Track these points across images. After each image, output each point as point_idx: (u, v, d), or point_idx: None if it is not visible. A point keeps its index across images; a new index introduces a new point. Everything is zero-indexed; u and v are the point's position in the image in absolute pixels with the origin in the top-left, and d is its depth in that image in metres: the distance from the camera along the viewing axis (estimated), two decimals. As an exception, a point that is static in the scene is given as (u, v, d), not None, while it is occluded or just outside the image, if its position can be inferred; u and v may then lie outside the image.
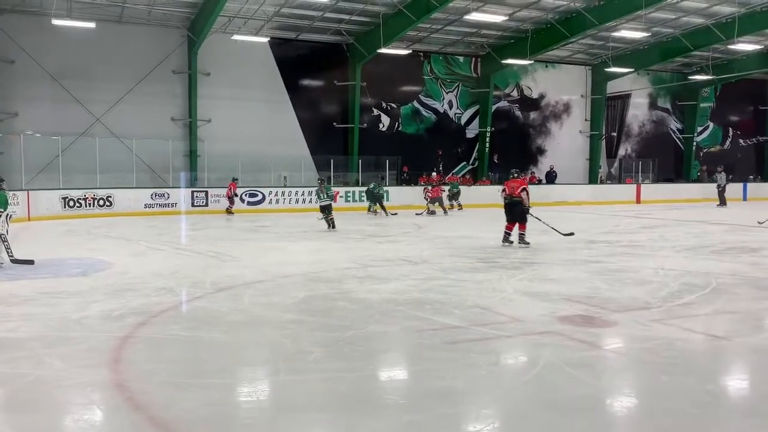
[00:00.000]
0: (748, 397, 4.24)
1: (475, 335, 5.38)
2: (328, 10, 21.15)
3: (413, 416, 3.73)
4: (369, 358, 4.80)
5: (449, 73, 27.09)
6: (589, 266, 9.16)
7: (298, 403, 3.91)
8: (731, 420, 3.73)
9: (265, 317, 6.12)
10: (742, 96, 32.57)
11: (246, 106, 23.19)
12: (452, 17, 21.84)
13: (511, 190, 11.40)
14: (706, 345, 5.25)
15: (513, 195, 11.30)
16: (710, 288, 7.40)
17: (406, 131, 26.40)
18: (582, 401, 3.92)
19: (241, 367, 4.73)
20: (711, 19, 22.61)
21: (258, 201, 20.77)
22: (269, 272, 8.53)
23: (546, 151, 29.12)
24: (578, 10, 21.12)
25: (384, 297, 6.88)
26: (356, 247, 11.71)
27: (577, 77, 29.25)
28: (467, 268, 9.00)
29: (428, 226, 15.78)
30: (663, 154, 30.96)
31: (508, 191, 11.41)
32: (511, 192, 11.34)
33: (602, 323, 5.79)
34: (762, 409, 3.85)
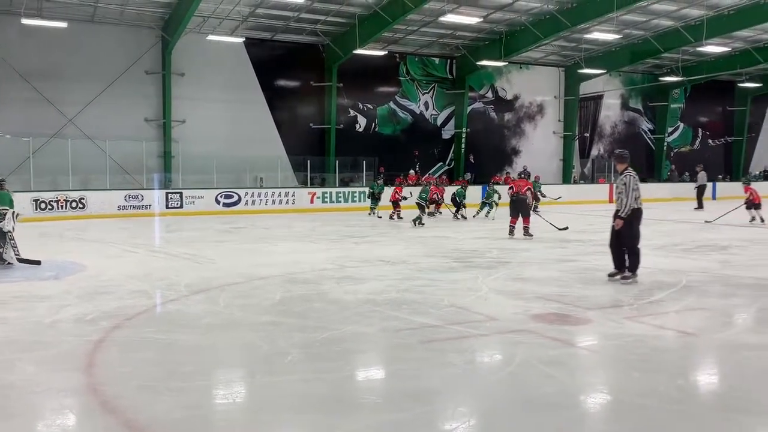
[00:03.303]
0: (718, 392, 4.34)
1: (451, 334, 5.43)
2: (304, 11, 21.10)
3: (390, 416, 3.76)
4: (346, 359, 4.82)
5: (425, 74, 27.21)
6: (562, 265, 9.28)
7: (275, 405, 3.91)
8: (701, 415, 3.80)
9: (241, 319, 6.10)
10: (711, 97, 33.23)
11: (221, 106, 23.02)
12: (427, 19, 21.95)
13: (517, 188, 12.78)
14: (677, 341, 5.36)
15: (519, 193, 12.58)
16: (681, 285, 7.56)
17: (382, 132, 26.45)
18: (555, 398, 3.98)
19: (216, 370, 4.71)
20: (680, 21, 23.04)
21: (234, 202, 20.63)
22: (245, 274, 8.49)
23: (521, 152, 29.40)
24: (551, 13, 21.36)
25: (361, 297, 6.90)
26: (333, 247, 11.72)
27: (550, 79, 29.58)
28: (444, 267, 9.07)
29: (405, 226, 15.83)
30: (635, 154, 30.96)
31: (515, 189, 12.75)
32: (517, 190, 12.67)
33: (575, 321, 5.87)
34: (731, 404, 3.93)
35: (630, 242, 7.71)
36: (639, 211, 7.71)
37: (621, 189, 7.72)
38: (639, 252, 7.71)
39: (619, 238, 7.80)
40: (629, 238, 7.70)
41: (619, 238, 7.80)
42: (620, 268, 7.79)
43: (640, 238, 7.75)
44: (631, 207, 7.62)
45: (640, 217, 7.76)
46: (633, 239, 7.69)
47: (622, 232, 7.74)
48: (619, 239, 7.80)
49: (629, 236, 7.69)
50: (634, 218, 7.69)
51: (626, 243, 7.73)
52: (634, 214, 7.67)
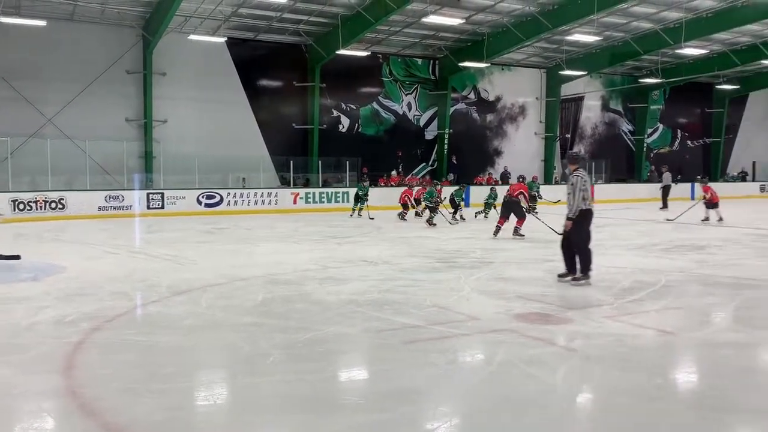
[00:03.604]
0: (697, 391, 4.40)
1: (434, 334, 5.45)
2: (286, 11, 21.04)
3: (372, 416, 3.77)
4: (328, 360, 4.81)
5: (408, 75, 27.27)
6: (544, 265, 9.34)
7: (257, 406, 3.90)
8: (680, 413, 3.84)
9: (223, 320, 6.07)
10: (690, 99, 33.67)
11: (203, 106, 22.87)
12: (410, 20, 22.00)
13: (511, 191, 13.28)
14: (656, 340, 5.42)
15: (512, 195, 13.05)
16: (660, 285, 7.65)
17: (365, 132, 26.46)
18: (537, 398, 4.01)
19: (197, 371, 4.68)
20: (659, 24, 23.34)
21: (216, 203, 20.50)
22: (227, 275, 8.45)
23: (503, 153, 29.57)
24: (533, 14, 21.52)
25: (343, 298, 6.90)
26: (316, 248, 11.70)
27: (532, 80, 29.80)
28: (426, 268, 9.10)
29: (386, 226, 15.85)
30: (615, 154, 31.78)
31: (509, 192, 13.28)
32: (510, 193, 13.17)
33: (556, 320, 5.92)
34: (709, 402, 3.98)
35: (578, 243, 7.65)
36: (587, 212, 7.64)
37: (570, 190, 7.70)
38: (589, 253, 7.63)
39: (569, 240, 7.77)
40: (577, 240, 7.64)
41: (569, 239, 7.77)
42: (571, 269, 7.73)
43: (589, 239, 7.68)
44: (579, 208, 7.58)
45: (589, 218, 7.68)
46: (581, 240, 7.63)
47: (571, 233, 7.72)
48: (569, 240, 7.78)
49: (577, 237, 7.64)
50: (583, 219, 7.62)
51: (575, 244, 7.68)
52: (582, 215, 7.61)
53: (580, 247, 7.67)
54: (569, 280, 7.70)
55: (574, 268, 7.70)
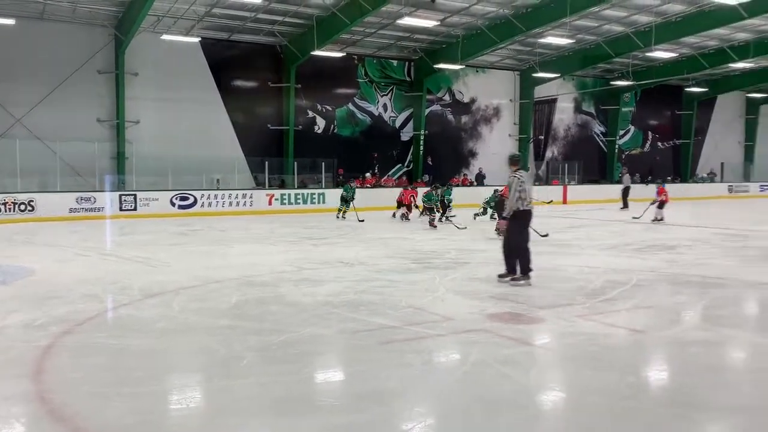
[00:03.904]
0: (667, 388, 4.47)
1: (409, 335, 5.46)
2: (261, 11, 20.94)
3: (348, 417, 3.77)
4: (303, 361, 4.79)
5: (383, 76, 27.31)
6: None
7: (230, 409, 3.87)
8: (652, 411, 3.90)
9: (196, 323, 6.02)
10: (660, 101, 34.28)
11: (177, 107, 22.64)
12: (385, 21, 22.05)
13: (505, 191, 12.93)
14: (627, 339, 5.50)
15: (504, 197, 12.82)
16: (631, 284, 7.77)
17: (341, 134, 26.43)
18: (511, 397, 4.05)
19: (170, 375, 4.63)
20: (630, 27, 23.71)
21: (189, 204, 20.29)
22: (201, 277, 8.37)
23: (477, 154, 29.77)
24: (507, 17, 21.72)
25: (319, 299, 6.88)
26: (291, 249, 11.65)
27: (506, 82, 30.07)
28: (402, 269, 9.11)
29: (363, 227, 15.85)
30: (587, 156, 32.21)
31: (503, 192, 13.27)
32: (503, 193, 12.94)
33: (529, 320, 5.99)
34: (680, 400, 4.05)
35: (515, 244, 7.70)
36: (524, 212, 7.67)
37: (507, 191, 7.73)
38: (527, 253, 7.66)
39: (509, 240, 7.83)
40: (514, 240, 7.70)
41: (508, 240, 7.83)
42: (511, 270, 7.76)
43: (527, 239, 7.72)
44: (513, 208, 7.66)
45: (526, 219, 7.71)
46: (518, 241, 7.68)
47: (509, 234, 7.78)
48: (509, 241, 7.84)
49: (514, 238, 7.70)
50: (520, 220, 7.68)
51: (512, 245, 7.74)
52: (518, 216, 7.67)
53: (518, 247, 7.70)
54: (508, 281, 7.73)
55: (515, 269, 7.74)
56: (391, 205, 19.65)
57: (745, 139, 37.67)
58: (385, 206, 20.28)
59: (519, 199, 7.61)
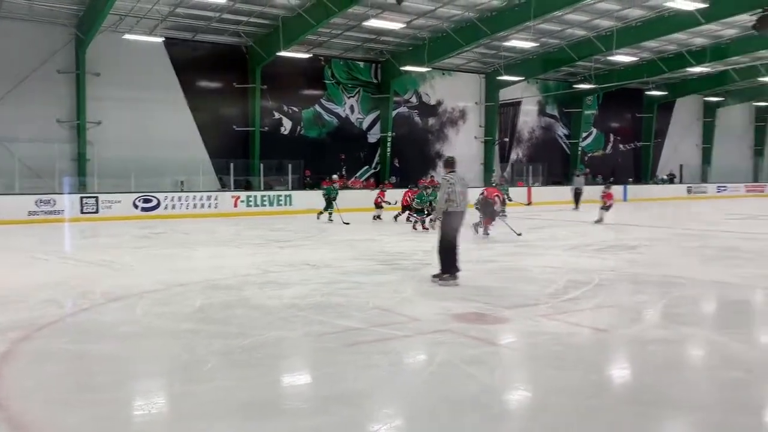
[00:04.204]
0: (630, 386, 4.55)
1: (376, 336, 5.47)
2: (226, 12, 20.73)
3: (314, 420, 3.75)
4: (268, 365, 4.76)
5: (350, 78, 27.29)
6: (483, 265, 9.53)
7: (194, 414, 3.83)
8: (614, 408, 3.97)
9: (160, 327, 5.93)
10: (622, 104, 34.99)
11: (139, 107, 22.24)
12: (352, 23, 22.04)
13: (488, 194, 13.90)
14: (590, 338, 5.61)
15: (488, 198, 13.73)
16: (593, 284, 7.92)
17: (308, 135, 26.32)
18: (476, 397, 4.08)
19: (132, 380, 4.54)
20: (592, 31, 24.16)
21: (153, 207, 19.97)
22: (164, 281, 8.24)
23: (444, 156, 29.89)
24: (472, 20, 21.92)
25: (285, 302, 6.84)
26: (257, 252, 11.55)
27: (471, 85, 30.33)
28: (369, 270, 9.12)
29: (329, 229, 15.81)
30: (551, 158, 32.69)
31: (485, 194, 13.86)
32: (487, 195, 13.81)
33: (494, 320, 6.05)
34: (641, 397, 4.13)
35: (443, 244, 7.85)
36: (452, 214, 7.82)
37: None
38: (453, 254, 7.79)
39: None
40: (442, 240, 7.86)
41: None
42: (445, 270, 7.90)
43: (454, 240, 7.84)
44: (442, 209, 7.82)
45: (454, 220, 7.84)
46: (445, 241, 7.83)
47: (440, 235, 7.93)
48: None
49: (442, 238, 7.86)
50: (449, 220, 7.81)
51: (440, 245, 7.89)
52: (446, 217, 7.82)
53: (444, 247, 7.85)
54: (438, 281, 7.85)
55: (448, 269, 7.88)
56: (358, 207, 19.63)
57: (703, 141, 38.71)
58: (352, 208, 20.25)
59: (447, 200, 7.78)
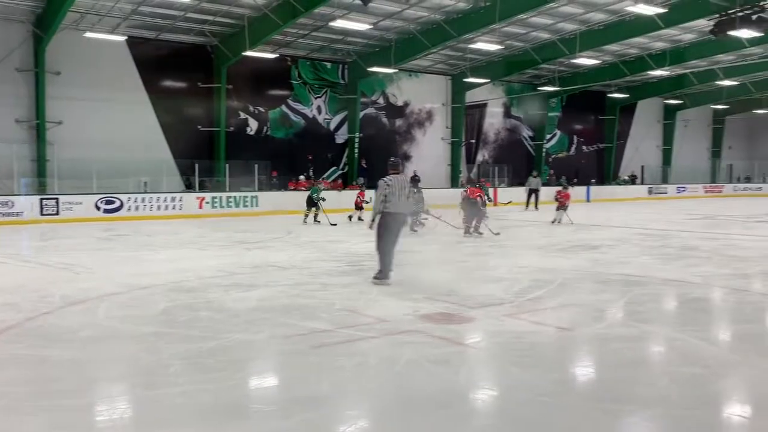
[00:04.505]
0: (592, 383, 4.64)
1: (342, 338, 5.46)
2: (190, 11, 20.47)
3: (279, 423, 3.74)
4: (233, 368, 4.71)
5: (317, 78, 27.21)
6: (450, 266, 9.61)
7: (157, 419, 3.77)
8: (577, 406, 4.04)
9: (122, 331, 5.82)
10: (585, 106, 35.61)
11: (102, 107, 21.80)
12: (318, 23, 21.97)
13: (471, 193, 14.16)
14: (553, 336, 5.69)
15: (470, 197, 13.99)
16: (557, 283, 8.04)
17: (275, 135, 26.15)
18: (441, 396, 4.11)
19: (94, 386, 4.45)
20: (556, 34, 24.54)
21: (116, 208, 19.59)
22: (127, 284, 8.10)
23: (411, 157, 30.06)
24: (438, 22, 22.06)
25: (251, 305, 6.79)
26: (222, 254, 11.42)
27: (438, 86, 30.52)
28: (336, 272, 9.10)
29: (296, 231, 15.73)
30: (516, 159, 33.08)
31: (468, 194, 14.12)
32: (470, 194, 14.07)
33: (460, 320, 6.10)
34: (603, 395, 4.21)
35: (379, 245, 7.95)
36: (387, 215, 7.91)
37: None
38: (388, 255, 7.87)
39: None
40: (378, 241, 7.95)
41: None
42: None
43: (389, 241, 7.91)
44: (377, 211, 7.95)
45: (389, 222, 7.91)
46: (382, 242, 7.92)
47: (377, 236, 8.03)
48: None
49: (378, 239, 7.95)
50: (384, 222, 7.92)
51: (376, 245, 7.99)
52: (383, 218, 7.93)
53: (380, 248, 7.93)
54: (372, 280, 7.95)
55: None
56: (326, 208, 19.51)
57: (663, 143, 39.63)
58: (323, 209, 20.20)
59: (383, 202, 7.87)
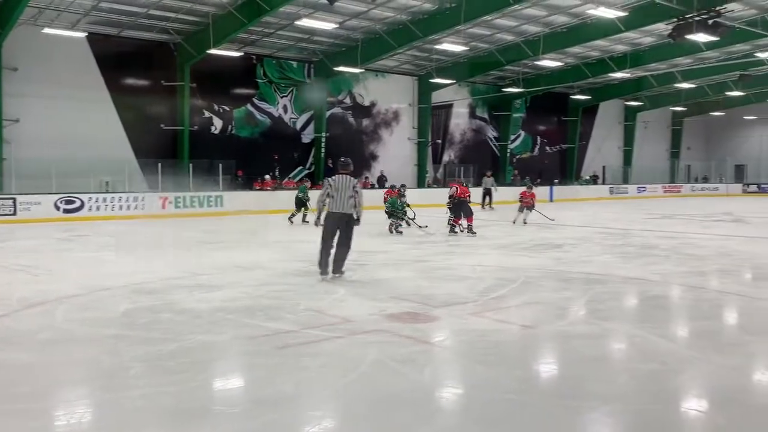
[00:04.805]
0: (554, 380, 4.71)
1: (307, 338, 5.43)
2: (153, 7, 20.14)
3: (242, 425, 3.71)
4: (195, 370, 4.64)
5: (283, 77, 27.03)
6: (415, 265, 9.65)
7: (117, 423, 3.70)
8: (540, 403, 4.09)
9: (81, 334, 5.70)
10: (548, 108, 36.15)
11: (61, 105, 21.30)
12: (284, 22, 21.84)
13: (460, 193, 14.24)
14: (516, 334, 5.76)
15: (461, 197, 14.17)
16: (520, 281, 8.15)
17: (240, 134, 25.89)
18: (406, 395, 4.12)
19: (52, 390, 4.35)
20: (520, 36, 24.85)
21: (76, 208, 19.15)
22: (87, 285, 7.92)
23: (378, 157, 30.12)
24: (404, 23, 22.13)
25: (214, 306, 6.70)
26: (186, 255, 11.27)
27: (404, 87, 30.62)
28: (301, 272, 9.04)
29: (261, 231, 15.61)
30: (482, 159, 33.37)
31: (459, 193, 14.19)
32: (460, 194, 14.18)
33: (425, 319, 6.13)
34: (566, 391, 4.28)
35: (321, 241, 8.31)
36: (328, 214, 8.31)
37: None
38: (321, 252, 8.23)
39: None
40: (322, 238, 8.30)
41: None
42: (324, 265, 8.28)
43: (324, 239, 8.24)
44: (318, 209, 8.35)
45: (327, 220, 8.30)
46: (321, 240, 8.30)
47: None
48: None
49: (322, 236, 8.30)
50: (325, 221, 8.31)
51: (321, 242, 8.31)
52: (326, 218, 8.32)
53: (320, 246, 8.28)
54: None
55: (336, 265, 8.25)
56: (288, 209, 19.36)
57: (624, 144, 40.49)
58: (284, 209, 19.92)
59: (322, 201, 8.25)
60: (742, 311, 7.00)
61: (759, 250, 11.93)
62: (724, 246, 12.30)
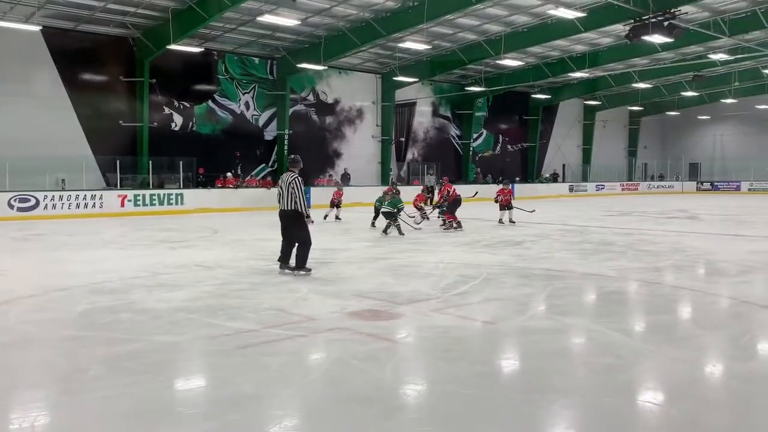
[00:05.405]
0: (515, 374, 4.79)
1: (269, 337, 5.41)
2: (111, 1, 19.70)
3: (203, 425, 3.67)
4: (155, 371, 4.58)
5: (245, 74, 26.76)
6: (378, 263, 9.68)
7: (75, 426, 3.63)
8: (502, 397, 4.16)
9: (36, 335, 5.56)
10: (510, 107, 36.64)
11: (15, 101, 20.69)
12: (246, 18, 21.61)
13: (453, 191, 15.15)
14: (478, 330, 5.84)
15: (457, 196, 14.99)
16: (481, 278, 8.25)
17: (201, 131, 25.55)
18: (368, 393, 4.15)
19: (6, 394, 4.22)
20: (483, 36, 25.09)
21: (31, 207, 18.65)
22: (42, 285, 7.73)
23: (342, 155, 30.08)
24: (368, 20, 22.12)
25: (175, 306, 6.62)
26: (146, 254, 11.07)
27: (368, 84, 30.64)
28: (264, 270, 8.99)
29: (223, 229, 15.43)
30: (445, 157, 33.66)
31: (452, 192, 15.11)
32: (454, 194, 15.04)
33: (388, 316, 6.16)
34: (527, 386, 4.35)
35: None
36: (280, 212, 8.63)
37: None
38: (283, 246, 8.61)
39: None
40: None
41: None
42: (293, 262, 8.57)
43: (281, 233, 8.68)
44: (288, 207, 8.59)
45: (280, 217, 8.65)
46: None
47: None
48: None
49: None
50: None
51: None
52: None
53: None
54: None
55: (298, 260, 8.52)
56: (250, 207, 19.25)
57: (583, 142, 41.29)
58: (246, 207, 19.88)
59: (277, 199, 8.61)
60: (695, 306, 7.23)
61: (712, 246, 12.30)
62: (679, 242, 12.64)
